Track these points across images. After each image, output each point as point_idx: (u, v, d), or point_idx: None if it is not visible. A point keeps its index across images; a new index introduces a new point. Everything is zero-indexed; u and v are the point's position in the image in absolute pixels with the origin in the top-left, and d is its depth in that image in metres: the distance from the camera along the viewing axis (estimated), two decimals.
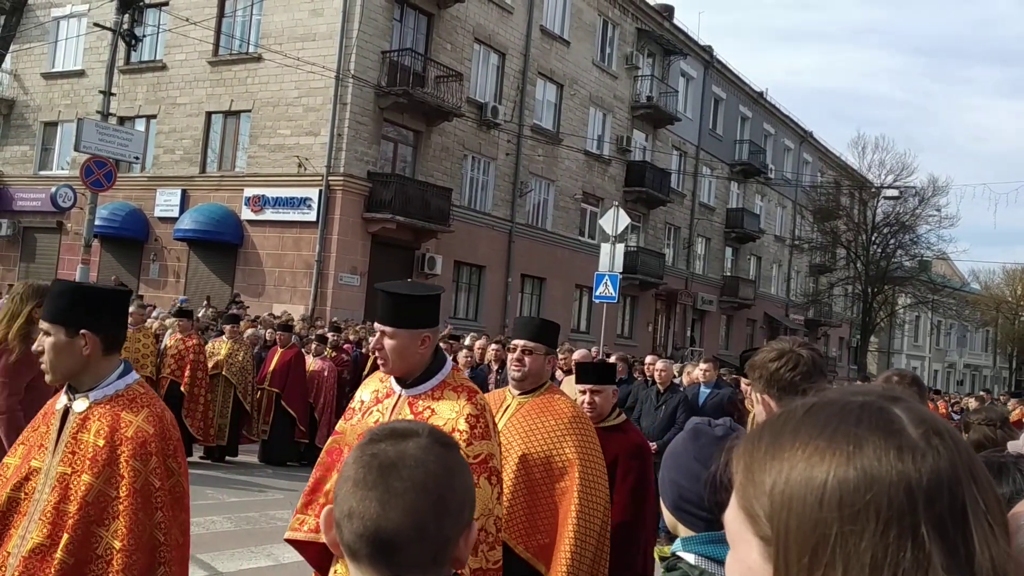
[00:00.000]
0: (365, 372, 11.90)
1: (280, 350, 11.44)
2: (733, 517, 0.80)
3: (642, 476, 3.91)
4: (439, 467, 1.15)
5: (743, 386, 10.83)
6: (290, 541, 2.88)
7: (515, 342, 3.65)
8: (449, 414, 2.77)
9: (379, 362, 2.91)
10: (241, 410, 11.22)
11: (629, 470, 3.88)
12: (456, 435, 2.62)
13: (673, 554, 1.82)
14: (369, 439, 1.19)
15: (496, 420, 3.28)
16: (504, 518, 3.08)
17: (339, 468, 2.58)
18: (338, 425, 3.06)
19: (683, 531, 1.85)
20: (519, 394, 3.62)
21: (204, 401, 10.56)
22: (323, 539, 2.26)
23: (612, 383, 4.28)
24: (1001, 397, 23.67)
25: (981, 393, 26.45)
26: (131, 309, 11.15)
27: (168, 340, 10.73)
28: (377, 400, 2.97)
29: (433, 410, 2.81)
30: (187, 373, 10.38)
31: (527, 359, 3.58)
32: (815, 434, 0.76)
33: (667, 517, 1.91)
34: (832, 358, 46.85)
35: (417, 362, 2.85)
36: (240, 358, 11.17)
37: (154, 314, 15.69)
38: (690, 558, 1.77)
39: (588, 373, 4.21)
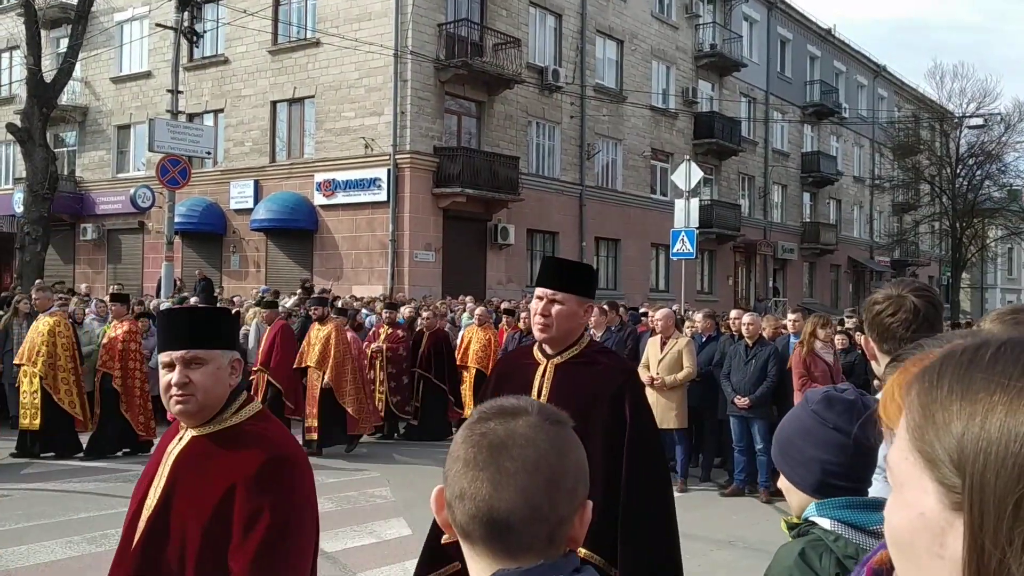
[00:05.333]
0: (421, 351, 11.75)
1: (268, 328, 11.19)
2: (902, 458, 0.71)
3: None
4: (549, 445, 1.12)
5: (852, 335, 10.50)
6: None
7: None
8: None
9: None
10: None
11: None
12: None
13: (806, 520, 1.68)
14: (477, 417, 1.16)
15: None
16: None
17: None
18: None
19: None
20: None
21: (141, 393, 10.14)
22: None
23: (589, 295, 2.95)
24: None
25: None
26: (34, 295, 10.62)
27: (110, 328, 10.23)
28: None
29: None
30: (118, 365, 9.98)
31: None
32: (1016, 375, 0.66)
33: (799, 501, 1.76)
34: None
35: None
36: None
37: (235, 300, 16.05)
38: (825, 523, 1.64)
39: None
